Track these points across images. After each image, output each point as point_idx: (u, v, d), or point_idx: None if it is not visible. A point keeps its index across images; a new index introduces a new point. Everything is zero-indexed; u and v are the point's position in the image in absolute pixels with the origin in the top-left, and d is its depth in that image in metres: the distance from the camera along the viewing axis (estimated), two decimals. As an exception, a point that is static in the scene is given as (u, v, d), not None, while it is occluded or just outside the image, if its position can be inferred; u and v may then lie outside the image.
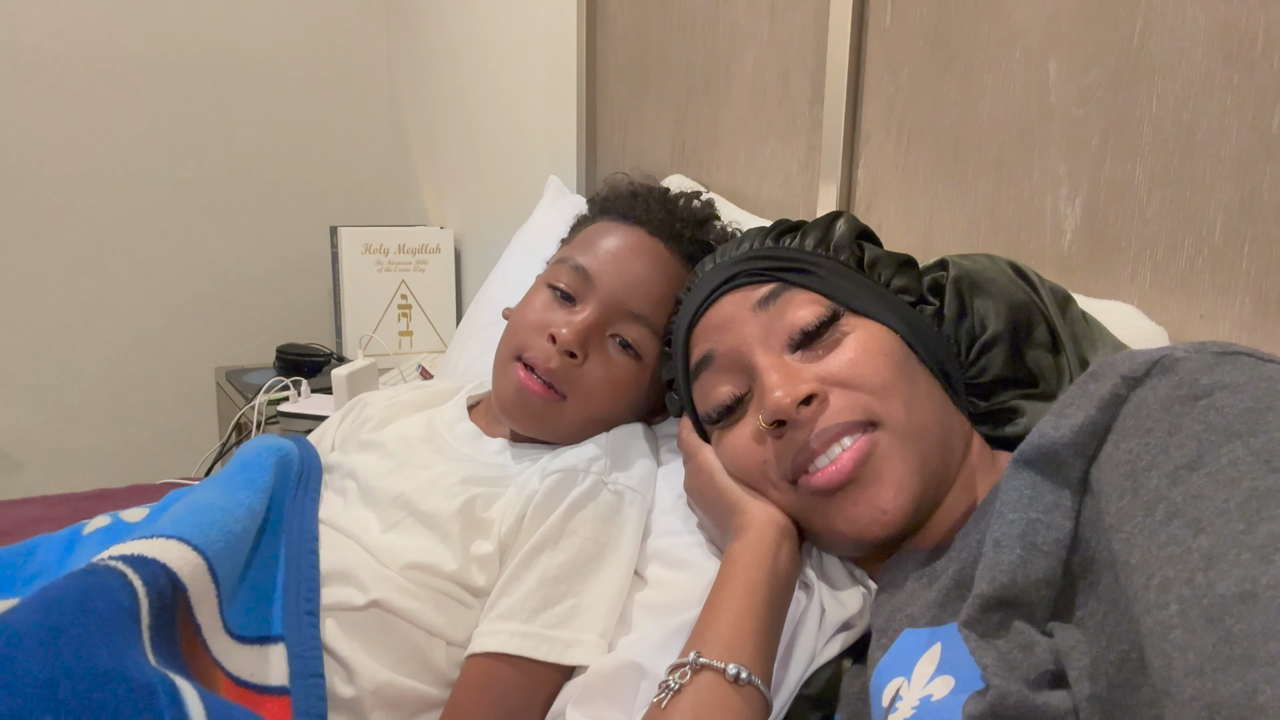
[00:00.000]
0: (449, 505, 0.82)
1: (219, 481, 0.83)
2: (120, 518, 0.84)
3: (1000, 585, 0.50)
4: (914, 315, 0.74)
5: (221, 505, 0.76)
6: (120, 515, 0.85)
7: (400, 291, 2.35)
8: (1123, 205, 0.88)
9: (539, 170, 1.98)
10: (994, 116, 1.00)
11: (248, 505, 0.79)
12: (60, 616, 0.55)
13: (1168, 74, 0.83)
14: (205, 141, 2.62)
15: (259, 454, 0.87)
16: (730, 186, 1.43)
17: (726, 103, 1.44)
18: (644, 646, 0.73)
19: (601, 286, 0.89)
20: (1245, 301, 0.79)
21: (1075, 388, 0.53)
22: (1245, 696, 0.36)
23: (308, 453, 0.93)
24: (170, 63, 2.54)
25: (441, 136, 2.54)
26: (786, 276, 0.75)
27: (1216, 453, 0.44)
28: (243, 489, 0.81)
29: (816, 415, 0.67)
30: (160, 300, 2.62)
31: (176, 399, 2.67)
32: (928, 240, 1.10)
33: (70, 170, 2.47)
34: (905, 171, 1.12)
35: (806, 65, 1.26)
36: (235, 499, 0.78)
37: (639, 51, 1.67)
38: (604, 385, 0.89)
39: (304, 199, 2.77)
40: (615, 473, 0.87)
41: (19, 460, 2.52)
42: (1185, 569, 0.41)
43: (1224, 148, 0.79)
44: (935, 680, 0.52)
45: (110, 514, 0.85)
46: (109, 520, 0.84)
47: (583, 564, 0.80)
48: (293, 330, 2.71)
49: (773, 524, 0.71)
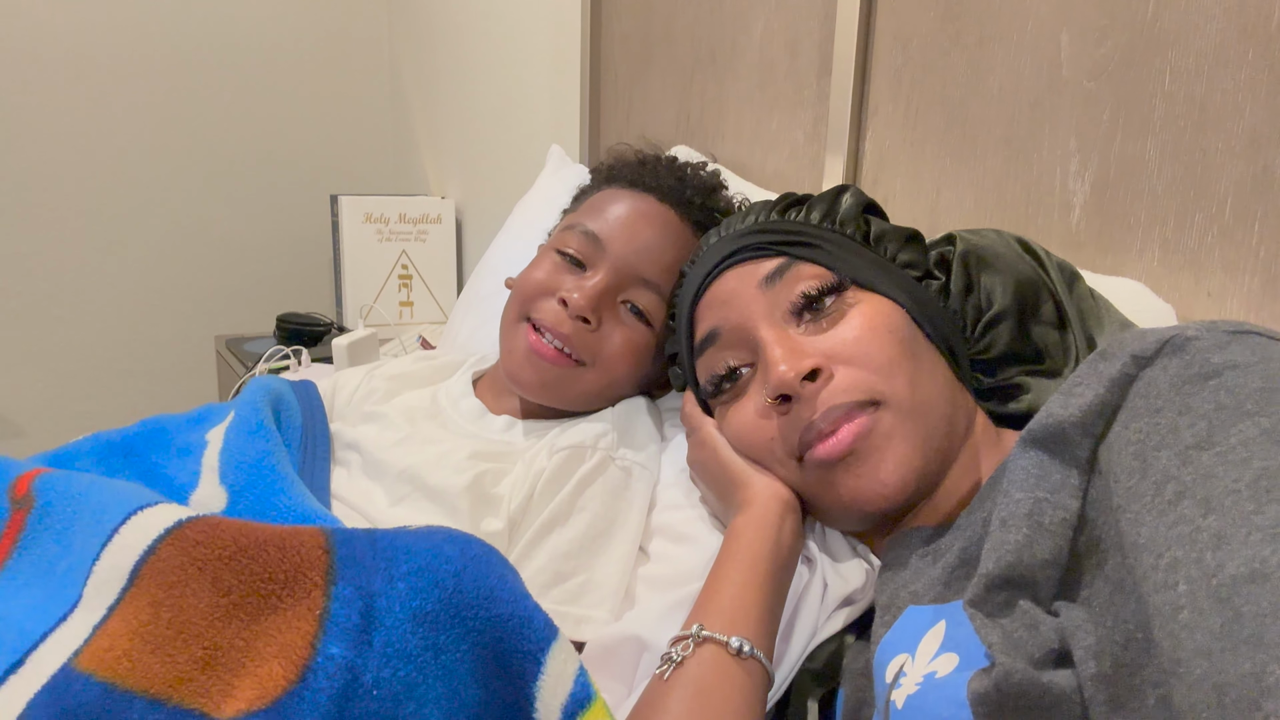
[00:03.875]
0: (458, 481, 0.82)
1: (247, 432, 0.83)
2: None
3: (1006, 564, 0.50)
4: (920, 290, 0.74)
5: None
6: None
7: (401, 261, 2.34)
8: (1132, 181, 0.87)
9: (541, 140, 1.96)
10: (1004, 89, 0.99)
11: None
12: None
13: (1181, 47, 0.82)
14: (206, 110, 2.60)
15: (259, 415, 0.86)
16: (735, 159, 1.42)
17: (732, 73, 1.42)
18: (646, 619, 0.73)
19: (613, 251, 0.89)
20: (1254, 280, 0.79)
21: (1085, 366, 0.53)
22: (1254, 677, 0.35)
23: (313, 416, 0.92)
24: (171, 32, 2.51)
25: (443, 105, 2.52)
26: (792, 250, 0.74)
27: (1226, 432, 0.44)
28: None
29: (820, 391, 0.67)
30: (161, 268, 2.61)
31: (177, 367, 2.67)
32: (934, 214, 1.09)
33: (71, 139, 2.45)
34: (913, 145, 1.11)
35: (814, 36, 1.24)
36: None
37: (644, 20, 1.65)
38: (624, 351, 0.89)
39: (305, 168, 2.75)
40: (622, 448, 0.87)
41: (19, 426, 2.53)
42: (1194, 549, 0.41)
43: (1236, 123, 0.78)
44: (939, 657, 0.52)
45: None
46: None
47: (592, 540, 0.80)
48: (293, 299, 2.70)
49: (776, 498, 0.71)
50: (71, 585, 0.59)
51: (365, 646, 0.52)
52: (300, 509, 0.76)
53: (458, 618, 0.54)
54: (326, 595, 0.54)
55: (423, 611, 0.53)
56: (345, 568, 0.55)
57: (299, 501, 0.77)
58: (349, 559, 0.56)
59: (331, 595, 0.54)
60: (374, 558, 0.56)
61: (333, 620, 0.53)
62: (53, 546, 0.63)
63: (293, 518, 0.76)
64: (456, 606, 0.54)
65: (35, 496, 0.66)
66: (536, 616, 0.58)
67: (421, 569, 0.55)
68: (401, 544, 0.57)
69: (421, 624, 0.53)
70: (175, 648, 0.52)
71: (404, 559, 0.55)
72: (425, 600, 0.54)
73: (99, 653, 0.53)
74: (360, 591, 0.54)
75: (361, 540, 0.57)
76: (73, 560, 0.61)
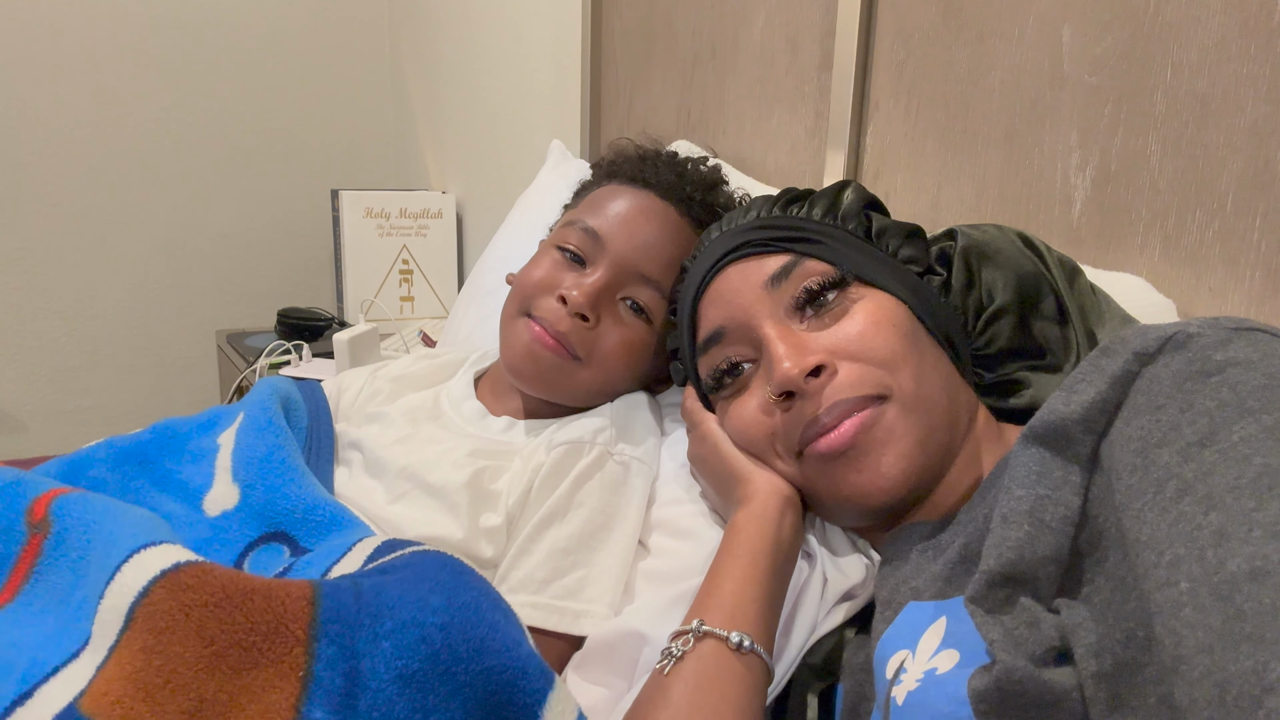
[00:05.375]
0: (457, 477, 0.82)
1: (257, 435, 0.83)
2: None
3: (1007, 561, 0.50)
4: (922, 285, 0.73)
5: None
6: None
7: (402, 256, 2.34)
8: (1134, 176, 0.87)
9: (542, 134, 1.96)
10: (1005, 85, 0.99)
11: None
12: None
13: (1183, 42, 0.82)
14: (206, 103, 2.59)
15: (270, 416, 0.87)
16: (736, 154, 1.42)
17: (734, 68, 1.42)
18: (646, 614, 0.73)
19: (612, 248, 0.89)
20: (1255, 275, 0.79)
21: (1087, 363, 0.53)
22: (1255, 674, 0.35)
23: (318, 416, 0.93)
24: (172, 24, 2.51)
25: (444, 100, 2.52)
26: (794, 246, 0.74)
27: (1229, 429, 0.44)
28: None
29: (824, 387, 0.67)
30: (161, 263, 2.61)
31: (178, 362, 2.67)
32: (935, 210, 1.09)
33: (72, 134, 2.44)
34: (914, 140, 1.11)
35: (815, 31, 1.24)
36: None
37: (645, 15, 1.64)
38: (621, 349, 0.89)
39: (305, 162, 2.75)
40: (621, 444, 0.87)
41: (21, 421, 2.53)
42: (1196, 546, 0.41)
43: (1238, 119, 0.78)
44: (940, 654, 0.52)
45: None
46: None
47: (590, 535, 0.81)
48: (294, 294, 2.70)
49: (777, 493, 0.71)
50: (85, 619, 0.58)
51: (350, 712, 0.50)
52: (309, 498, 0.76)
53: (446, 675, 0.53)
54: (309, 654, 0.52)
55: (409, 672, 0.52)
56: (329, 623, 0.54)
57: (308, 491, 0.77)
58: (333, 613, 0.54)
59: (315, 654, 0.52)
60: (358, 613, 0.54)
61: (316, 683, 0.51)
62: (67, 575, 0.63)
63: (302, 506, 0.76)
64: (445, 663, 0.53)
65: (52, 522, 0.66)
66: (531, 665, 0.56)
67: (406, 624, 0.53)
68: (387, 597, 0.55)
69: (408, 685, 0.52)
70: (165, 697, 0.51)
71: (388, 614, 0.54)
72: (411, 659, 0.52)
73: (97, 696, 0.52)
74: (344, 652, 0.52)
75: (346, 593, 0.56)
76: (86, 592, 0.60)
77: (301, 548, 0.75)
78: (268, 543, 0.76)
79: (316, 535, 0.75)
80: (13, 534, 0.67)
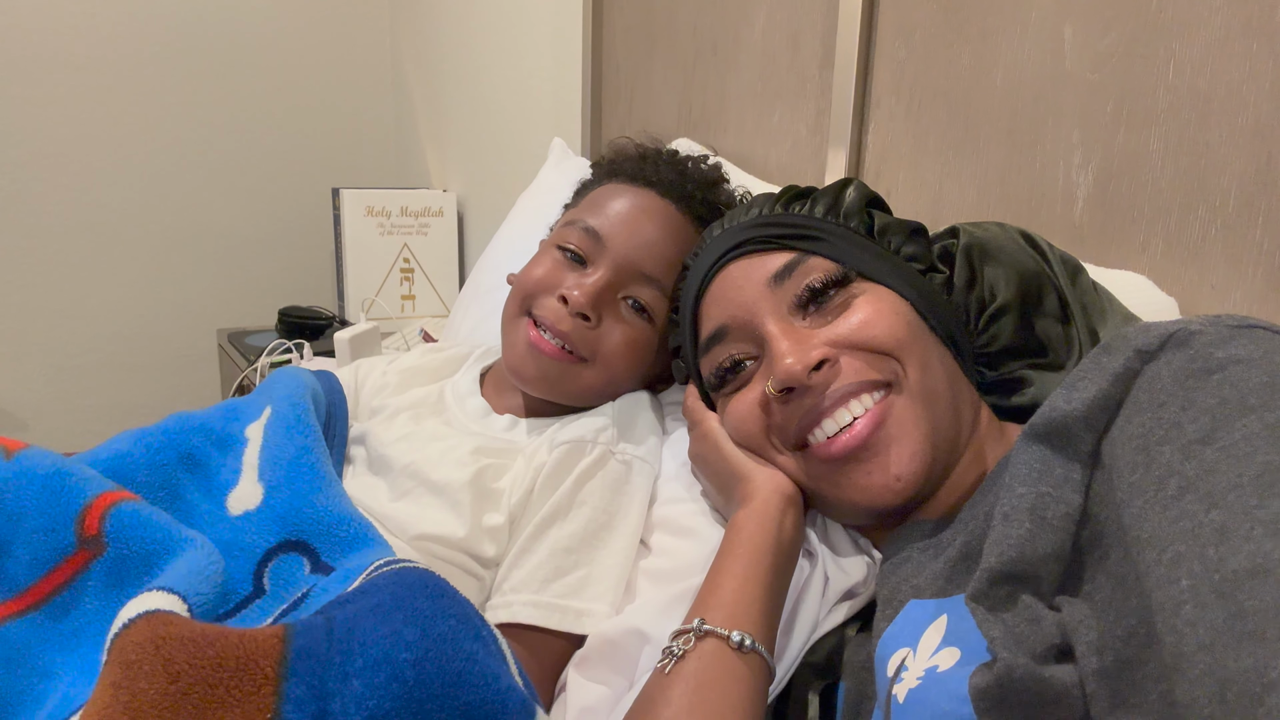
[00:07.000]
0: (460, 476, 0.82)
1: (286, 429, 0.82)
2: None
3: (1008, 559, 0.50)
4: (924, 283, 0.73)
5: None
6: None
7: (402, 255, 2.34)
8: (1136, 174, 0.87)
9: (543, 133, 1.96)
10: (1007, 82, 0.98)
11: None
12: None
13: (1186, 40, 0.81)
14: (207, 102, 2.59)
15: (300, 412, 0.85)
16: (738, 151, 1.42)
17: (735, 65, 1.42)
18: (647, 613, 0.73)
19: (613, 248, 0.88)
20: (1258, 273, 0.79)
21: (1088, 361, 0.53)
22: (1256, 672, 0.35)
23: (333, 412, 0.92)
24: (172, 23, 2.51)
25: (444, 98, 2.52)
26: (796, 244, 0.74)
27: (1230, 427, 0.44)
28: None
29: (828, 381, 0.67)
30: (162, 261, 2.61)
31: (179, 360, 2.67)
32: (937, 208, 1.09)
33: (73, 133, 2.45)
34: (916, 138, 1.11)
35: (817, 28, 1.24)
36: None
37: (646, 12, 1.64)
38: (624, 348, 0.89)
39: (306, 161, 2.75)
40: (623, 443, 0.87)
41: (22, 420, 2.53)
42: (1197, 544, 0.41)
43: (1240, 116, 0.78)
44: (941, 651, 0.52)
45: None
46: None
47: (593, 534, 0.81)
48: (295, 293, 2.70)
49: (778, 491, 0.71)
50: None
51: None
52: (336, 510, 0.74)
53: (420, 713, 0.51)
54: (277, 694, 0.51)
55: (380, 713, 0.50)
56: (299, 660, 0.52)
57: (334, 502, 0.75)
58: (303, 652, 0.52)
59: (283, 694, 0.51)
60: (329, 649, 0.52)
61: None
62: (115, 606, 0.61)
63: (327, 519, 0.73)
64: (419, 700, 0.51)
65: (108, 544, 0.64)
66: (511, 700, 0.54)
67: (378, 662, 0.52)
68: (359, 633, 0.53)
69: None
70: None
71: (359, 652, 0.52)
72: (383, 699, 0.51)
73: None
74: (313, 692, 0.51)
75: (319, 629, 0.54)
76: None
77: (323, 563, 0.72)
78: (287, 551, 0.73)
79: (338, 552, 0.73)
80: (56, 535, 0.65)
